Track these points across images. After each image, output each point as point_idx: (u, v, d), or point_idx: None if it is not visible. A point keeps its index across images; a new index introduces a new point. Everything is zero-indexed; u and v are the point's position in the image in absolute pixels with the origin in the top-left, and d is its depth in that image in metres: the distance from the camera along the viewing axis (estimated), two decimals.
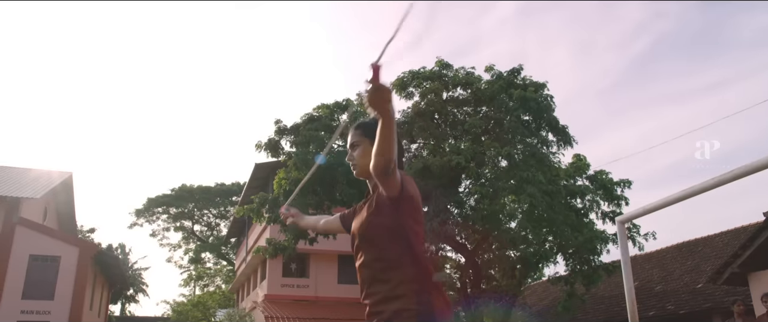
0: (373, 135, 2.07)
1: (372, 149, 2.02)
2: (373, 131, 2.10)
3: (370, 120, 2.28)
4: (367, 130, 2.26)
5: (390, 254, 2.06)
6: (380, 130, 1.80)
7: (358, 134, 2.28)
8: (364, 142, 2.25)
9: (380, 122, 1.77)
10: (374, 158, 1.87)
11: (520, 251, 15.43)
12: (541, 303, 23.12)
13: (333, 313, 21.57)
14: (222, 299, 40.89)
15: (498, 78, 15.91)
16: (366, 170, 2.20)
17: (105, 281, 26.86)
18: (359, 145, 2.26)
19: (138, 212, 46.70)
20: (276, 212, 16.73)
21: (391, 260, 2.05)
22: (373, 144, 2.02)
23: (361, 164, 2.24)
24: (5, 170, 24.22)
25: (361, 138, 2.27)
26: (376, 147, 1.83)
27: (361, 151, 2.25)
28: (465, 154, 13.88)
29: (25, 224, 20.25)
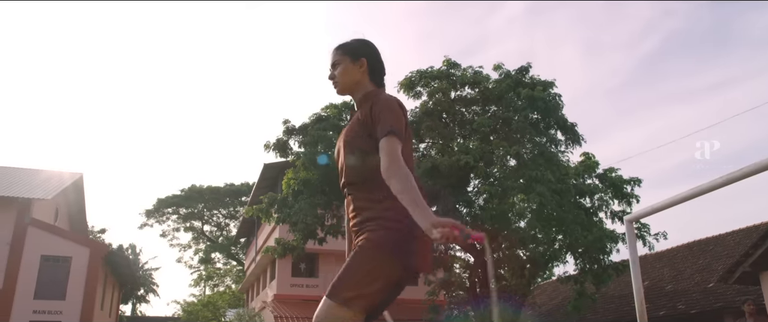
0: (353, 53, 2.30)
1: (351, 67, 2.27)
2: (353, 49, 2.32)
3: (349, 40, 2.38)
4: (346, 49, 2.33)
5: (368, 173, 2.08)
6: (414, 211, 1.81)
7: (338, 53, 2.34)
8: (344, 60, 2.31)
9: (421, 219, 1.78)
10: (394, 187, 1.89)
11: (529, 250, 15.38)
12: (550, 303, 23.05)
13: None
14: (232, 299, 41.04)
15: (506, 77, 15.86)
16: (346, 87, 2.31)
17: (115, 282, 27.02)
18: (340, 64, 2.32)
19: (148, 212, 46.96)
20: (285, 212, 16.77)
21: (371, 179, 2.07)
22: (353, 62, 2.28)
23: (342, 81, 2.31)
24: (17, 172, 24.41)
25: (341, 57, 2.32)
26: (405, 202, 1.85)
27: (341, 70, 2.31)
28: (473, 153, 13.84)
29: (36, 225, 20.41)
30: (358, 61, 2.30)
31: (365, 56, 2.32)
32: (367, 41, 2.40)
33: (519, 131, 14.71)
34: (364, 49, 2.34)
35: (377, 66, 2.34)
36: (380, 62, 2.37)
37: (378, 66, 2.35)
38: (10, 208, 20.22)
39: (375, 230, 2.02)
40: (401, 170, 1.92)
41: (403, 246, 1.98)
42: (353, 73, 2.30)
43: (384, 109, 2.09)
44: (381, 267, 1.96)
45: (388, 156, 1.95)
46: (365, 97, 2.27)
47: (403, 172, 1.92)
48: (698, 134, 39.93)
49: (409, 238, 1.98)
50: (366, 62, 2.30)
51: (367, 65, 2.30)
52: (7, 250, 19.77)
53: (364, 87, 2.30)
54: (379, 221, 2.03)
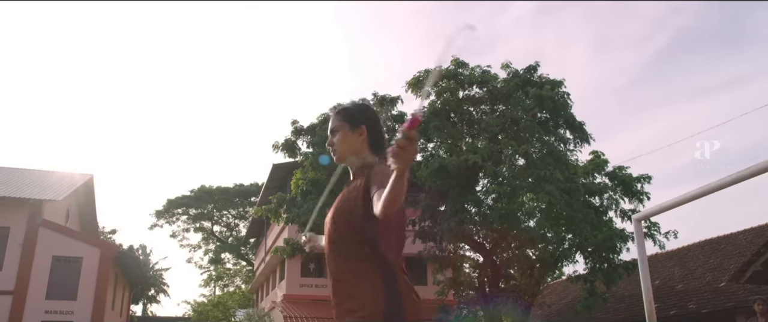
0: (352, 120, 2.22)
1: (350, 135, 2.20)
2: (351, 116, 2.24)
3: (349, 105, 2.32)
4: (346, 116, 2.27)
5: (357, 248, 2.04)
6: (395, 184, 1.68)
7: (337, 119, 2.29)
8: (344, 127, 2.25)
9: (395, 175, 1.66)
10: (383, 207, 1.77)
11: (538, 249, 15.32)
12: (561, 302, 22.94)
13: None
14: (242, 299, 41.17)
15: (514, 76, 15.81)
16: (344, 155, 2.25)
17: (126, 282, 27.19)
18: (339, 131, 2.27)
19: (158, 213, 47.20)
20: (294, 212, 16.79)
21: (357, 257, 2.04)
22: (352, 130, 2.20)
23: (340, 149, 2.26)
24: (28, 173, 24.61)
25: (340, 123, 2.27)
26: (388, 197, 1.73)
27: (340, 137, 2.25)
28: (482, 153, 13.81)
29: (48, 226, 20.57)
30: (358, 128, 2.23)
31: (365, 124, 2.24)
32: (367, 106, 2.34)
33: (527, 130, 14.66)
34: (363, 116, 2.27)
35: (377, 134, 2.27)
36: (379, 130, 2.29)
37: (378, 134, 2.27)
38: (21, 209, 20.38)
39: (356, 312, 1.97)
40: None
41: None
42: (352, 142, 2.23)
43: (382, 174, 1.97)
44: None
45: (378, 199, 1.85)
46: (363, 167, 2.19)
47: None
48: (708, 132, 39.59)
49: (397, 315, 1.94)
50: (366, 130, 2.23)
51: (366, 134, 2.23)
52: (19, 251, 19.94)
53: (363, 157, 2.23)
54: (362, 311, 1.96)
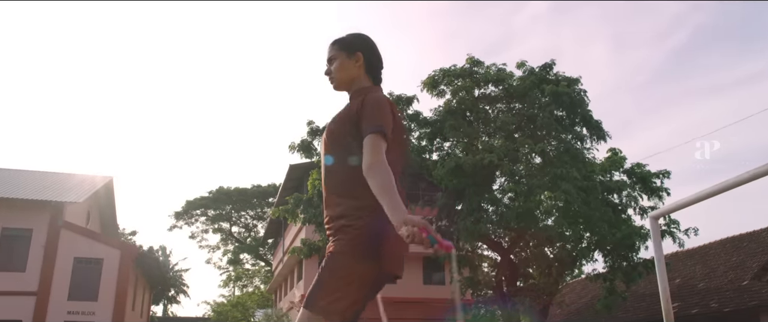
0: (348, 47, 2.28)
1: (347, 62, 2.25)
2: (347, 44, 2.29)
3: (345, 35, 2.35)
4: (342, 44, 2.31)
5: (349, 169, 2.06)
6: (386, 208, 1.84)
7: (334, 49, 2.32)
8: (340, 55, 2.29)
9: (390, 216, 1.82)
10: (369, 179, 1.91)
11: (556, 248, 15.21)
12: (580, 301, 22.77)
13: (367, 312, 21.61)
14: (260, 300, 41.36)
15: (530, 74, 15.71)
16: (342, 82, 2.30)
17: (146, 283, 27.47)
18: (336, 59, 2.30)
19: (177, 214, 47.56)
20: (310, 213, 16.85)
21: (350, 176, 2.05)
22: (349, 57, 2.26)
23: (338, 77, 2.30)
24: (50, 176, 24.95)
25: (337, 52, 2.30)
26: (377, 193, 1.88)
27: (337, 65, 2.29)
28: (498, 151, 13.74)
29: (69, 228, 20.84)
30: (354, 55, 2.27)
31: (361, 50, 2.28)
32: (363, 35, 2.36)
33: (544, 128, 14.56)
34: (359, 44, 2.31)
35: (374, 61, 2.31)
36: (377, 57, 2.33)
37: (375, 61, 2.31)
38: (44, 211, 20.68)
39: (343, 237, 2.01)
40: (382, 168, 1.90)
41: (372, 248, 1.96)
42: (349, 69, 2.27)
43: (374, 107, 2.05)
44: (352, 272, 1.95)
45: (371, 153, 1.93)
46: (358, 92, 2.23)
47: (383, 170, 1.90)
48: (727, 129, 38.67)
49: (378, 240, 1.97)
50: (362, 57, 2.27)
51: (363, 60, 2.27)
52: (42, 252, 20.24)
53: (360, 82, 2.27)
54: (349, 228, 2.01)
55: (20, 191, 21.64)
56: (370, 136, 1.96)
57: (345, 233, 2.00)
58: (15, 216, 20.59)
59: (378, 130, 1.97)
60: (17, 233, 20.48)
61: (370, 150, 1.94)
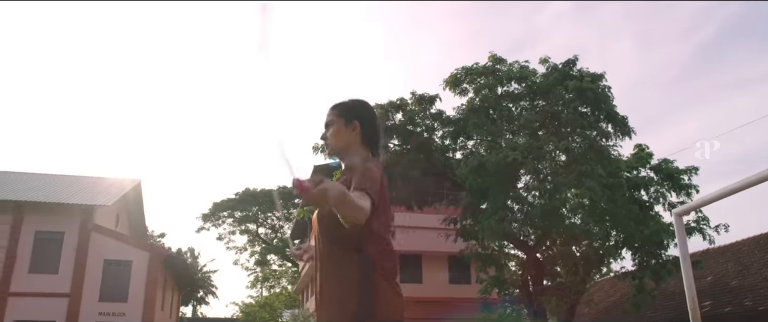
0: (346, 115, 2.26)
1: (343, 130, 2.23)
2: (346, 110, 2.27)
3: (346, 101, 2.33)
4: (340, 110, 2.29)
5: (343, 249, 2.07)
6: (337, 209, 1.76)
7: (332, 114, 2.31)
8: (338, 121, 2.27)
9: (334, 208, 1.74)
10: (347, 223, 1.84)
11: (582, 246, 15.02)
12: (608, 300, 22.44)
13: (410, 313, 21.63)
14: (288, 300, 41.63)
15: (553, 70, 15.55)
16: (337, 149, 2.29)
17: (175, 284, 27.82)
18: (333, 125, 2.28)
19: (204, 216, 48.02)
20: None
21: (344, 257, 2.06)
22: (346, 125, 2.23)
23: (333, 143, 2.28)
24: (80, 180, 25.43)
25: (334, 117, 2.29)
26: (342, 218, 1.80)
27: (334, 131, 2.27)
28: (521, 149, 13.62)
29: (99, 231, 21.23)
30: (351, 123, 2.25)
31: (358, 120, 2.26)
32: (363, 103, 2.34)
33: (568, 125, 14.41)
34: (357, 112, 2.28)
35: (371, 131, 2.28)
36: (374, 127, 2.30)
37: (371, 131, 2.28)
38: (74, 215, 21.10)
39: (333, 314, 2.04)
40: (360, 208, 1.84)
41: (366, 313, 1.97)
42: (345, 136, 2.25)
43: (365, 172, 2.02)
44: None
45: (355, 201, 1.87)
46: (351, 164, 2.20)
47: (361, 208, 1.84)
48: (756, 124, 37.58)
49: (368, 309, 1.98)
50: (359, 126, 2.25)
51: (359, 129, 2.25)
52: (73, 255, 20.64)
53: (355, 151, 2.24)
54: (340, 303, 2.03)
55: (52, 195, 22.09)
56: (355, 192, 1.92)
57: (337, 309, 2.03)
58: (47, 219, 21.04)
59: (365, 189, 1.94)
60: (50, 236, 20.92)
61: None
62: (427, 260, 24.04)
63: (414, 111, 16.78)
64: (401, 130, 16.67)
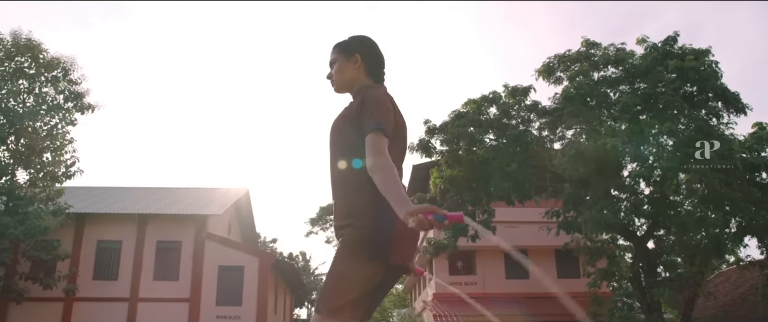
0: (347, 50, 2.31)
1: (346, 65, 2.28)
2: (346, 46, 2.33)
3: (346, 39, 2.38)
4: (341, 47, 2.34)
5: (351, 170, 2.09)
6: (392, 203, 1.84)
7: (334, 52, 2.36)
8: (339, 58, 2.32)
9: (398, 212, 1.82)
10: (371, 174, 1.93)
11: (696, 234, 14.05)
12: (736, 291, 20.87)
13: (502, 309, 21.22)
14: (397, 300, 42.03)
15: (652, 50, 14.66)
16: (342, 84, 2.33)
17: (286, 287, 28.87)
18: (335, 62, 2.33)
19: (312, 220, 49.44)
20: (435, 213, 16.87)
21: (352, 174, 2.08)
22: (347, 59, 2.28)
23: (338, 79, 2.33)
24: (193, 191, 27.04)
25: (336, 55, 2.34)
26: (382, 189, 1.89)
27: (337, 68, 2.32)
28: (621, 135, 12.95)
29: (212, 238, 22.45)
30: (352, 57, 2.28)
31: (358, 52, 2.29)
32: (363, 37, 2.37)
33: (671, 107, 13.52)
34: (357, 45, 2.32)
35: (373, 60, 2.31)
36: (376, 56, 2.32)
37: (374, 60, 2.31)
38: (190, 224, 22.45)
39: (345, 239, 2.04)
40: (385, 166, 1.91)
41: (375, 247, 1.96)
42: (348, 71, 2.29)
43: (374, 104, 2.06)
44: (357, 272, 1.96)
45: (374, 152, 1.95)
46: (359, 91, 2.25)
47: (387, 167, 1.91)
48: None
49: (382, 235, 1.97)
50: (360, 58, 2.28)
51: (361, 61, 2.28)
52: (191, 262, 21.96)
53: (360, 83, 2.28)
54: (350, 228, 2.03)
55: (169, 207, 23.62)
56: (371, 134, 1.98)
57: (347, 235, 2.03)
58: (166, 230, 22.52)
59: (378, 127, 1.98)
60: (169, 246, 22.39)
61: (372, 149, 1.95)
62: (533, 255, 23.47)
63: (508, 104, 16.44)
64: (496, 123, 16.38)
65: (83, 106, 20.57)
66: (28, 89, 20.20)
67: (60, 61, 20.43)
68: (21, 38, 20.04)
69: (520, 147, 15.67)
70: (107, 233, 22.45)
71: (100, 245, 22.36)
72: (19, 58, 20.00)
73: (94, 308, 21.13)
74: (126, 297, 21.45)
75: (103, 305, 21.24)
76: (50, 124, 20.27)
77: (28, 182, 19.91)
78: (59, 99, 20.49)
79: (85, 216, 22.27)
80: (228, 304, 21.29)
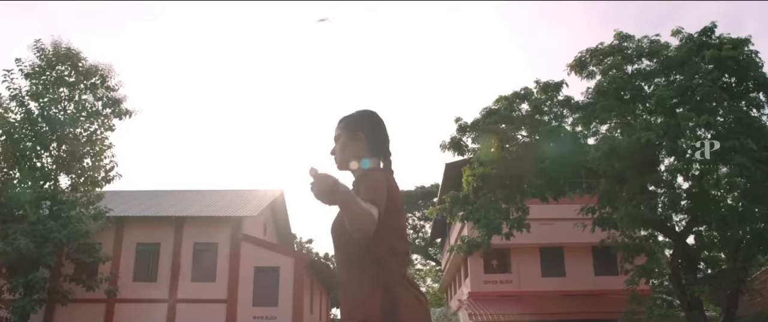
0: (352, 128, 2.28)
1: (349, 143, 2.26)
2: (353, 124, 2.30)
3: (353, 113, 2.36)
4: (345, 123, 2.32)
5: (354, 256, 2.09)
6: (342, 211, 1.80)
7: (339, 128, 2.34)
8: (344, 135, 2.30)
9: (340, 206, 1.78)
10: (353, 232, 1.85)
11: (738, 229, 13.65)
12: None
13: (538, 307, 20.99)
14: (434, 299, 41.96)
15: (687, 41, 14.29)
16: (344, 162, 2.29)
17: (322, 287, 29.05)
18: (339, 139, 2.32)
19: None
20: (467, 210, 16.81)
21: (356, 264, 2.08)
22: (351, 138, 2.25)
23: (340, 156, 2.31)
24: (229, 194, 27.41)
25: (341, 131, 2.32)
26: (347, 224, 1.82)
27: (340, 144, 2.31)
28: (656, 129, 12.65)
29: (248, 240, 22.74)
30: (356, 136, 2.28)
31: (362, 131, 2.28)
32: (368, 113, 2.37)
33: (709, 98, 13.15)
34: (362, 124, 2.31)
35: (376, 139, 2.29)
36: (380, 135, 2.31)
37: (376, 139, 2.30)
38: (226, 226, 22.77)
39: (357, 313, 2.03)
40: None
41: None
42: (351, 149, 2.28)
43: (369, 185, 2.04)
44: None
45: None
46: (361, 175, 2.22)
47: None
48: None
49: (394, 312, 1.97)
50: (363, 137, 2.27)
51: (364, 140, 2.27)
52: (227, 263, 22.28)
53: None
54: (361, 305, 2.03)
55: (205, 209, 24.00)
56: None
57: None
58: (203, 232, 22.89)
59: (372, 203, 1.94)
60: (206, 247, 22.75)
61: None
62: (569, 252, 23.15)
63: (540, 100, 16.24)
64: (528, 120, 16.20)
65: (121, 112, 21.10)
66: (68, 97, 20.79)
67: (98, 68, 20.99)
68: (61, 47, 20.65)
69: (553, 143, 15.47)
70: (146, 235, 22.95)
71: (139, 247, 22.87)
72: (60, 66, 20.60)
73: (135, 309, 21.63)
74: (165, 298, 21.89)
75: (143, 306, 21.72)
76: (90, 130, 20.84)
77: (69, 186, 20.50)
78: (98, 105, 21.05)
79: (124, 219, 22.80)
80: (264, 304, 21.52)
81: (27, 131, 19.72)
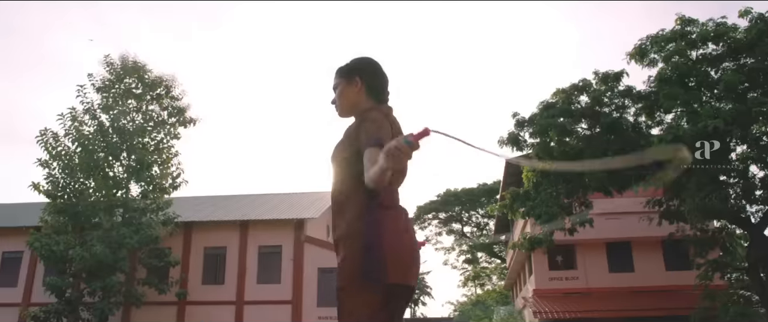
0: (347, 73, 2.34)
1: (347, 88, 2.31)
2: (346, 70, 2.35)
3: (348, 62, 2.39)
4: (342, 71, 2.37)
5: (345, 186, 2.14)
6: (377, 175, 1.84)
7: (336, 77, 2.39)
8: (341, 82, 2.35)
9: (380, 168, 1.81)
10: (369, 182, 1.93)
11: None
12: None
13: (607, 304, 20.37)
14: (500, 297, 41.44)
15: (758, 21, 13.51)
16: (344, 109, 2.36)
17: None
18: (337, 87, 2.37)
19: None
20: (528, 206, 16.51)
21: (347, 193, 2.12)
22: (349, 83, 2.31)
23: (340, 104, 2.36)
24: (291, 197, 27.91)
25: (338, 79, 2.37)
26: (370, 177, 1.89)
27: (339, 92, 2.36)
28: (724, 115, 12.04)
29: (311, 242, 23.10)
30: (353, 80, 2.31)
31: (358, 75, 2.31)
32: (364, 59, 2.39)
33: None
34: (358, 68, 2.34)
35: (374, 82, 2.32)
36: (377, 77, 2.34)
37: (375, 82, 2.32)
38: (289, 228, 23.22)
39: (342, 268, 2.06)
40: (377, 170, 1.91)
41: (370, 271, 1.95)
42: (350, 95, 2.32)
43: (370, 123, 2.10)
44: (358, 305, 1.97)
45: (369, 164, 1.96)
46: (358, 115, 2.28)
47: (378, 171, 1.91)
48: None
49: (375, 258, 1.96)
50: (360, 81, 2.30)
51: (362, 84, 2.30)
52: (291, 265, 22.70)
53: (361, 106, 2.30)
54: (347, 241, 2.06)
55: (270, 213, 24.53)
56: (368, 149, 2.01)
57: (343, 261, 2.07)
58: (268, 235, 23.42)
59: (375, 143, 1.99)
60: (271, 250, 23.27)
61: (370, 162, 1.97)
62: (637, 247, 22.36)
63: (599, 91, 15.76)
64: (588, 112, 15.75)
65: (185, 121, 21.86)
66: (136, 108, 21.70)
67: (163, 79, 21.83)
68: (128, 61, 21.59)
69: (615, 135, 14.98)
70: (213, 239, 23.67)
71: (207, 251, 23.61)
72: (128, 79, 21.53)
73: (205, 311, 22.35)
74: (233, 300, 22.52)
75: (212, 308, 22.42)
76: (157, 139, 21.69)
77: (140, 194, 21.39)
78: (164, 115, 21.89)
79: (192, 224, 23.59)
80: (328, 305, 21.77)
81: (100, 142, 20.70)
